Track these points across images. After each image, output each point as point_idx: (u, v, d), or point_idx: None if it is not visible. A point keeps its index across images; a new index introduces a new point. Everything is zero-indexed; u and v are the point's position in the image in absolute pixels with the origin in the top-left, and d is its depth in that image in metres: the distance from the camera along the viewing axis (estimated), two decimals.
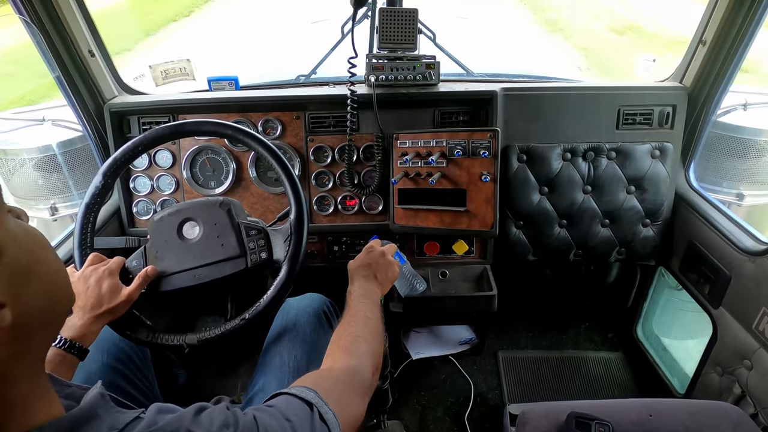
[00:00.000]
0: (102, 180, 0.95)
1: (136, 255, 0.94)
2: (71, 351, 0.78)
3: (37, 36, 1.14)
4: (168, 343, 0.89)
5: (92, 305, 0.83)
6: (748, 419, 0.91)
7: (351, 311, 0.83)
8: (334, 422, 0.56)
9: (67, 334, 0.80)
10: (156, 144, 0.99)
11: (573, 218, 1.37)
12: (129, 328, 0.89)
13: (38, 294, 0.40)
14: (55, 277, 0.43)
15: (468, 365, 1.65)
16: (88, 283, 0.84)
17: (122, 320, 0.88)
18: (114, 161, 0.96)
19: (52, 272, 0.43)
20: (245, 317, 0.89)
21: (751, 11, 1.13)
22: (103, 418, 0.44)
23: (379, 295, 0.91)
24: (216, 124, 0.98)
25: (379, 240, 1.07)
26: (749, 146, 1.81)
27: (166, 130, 0.97)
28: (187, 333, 0.89)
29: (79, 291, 0.84)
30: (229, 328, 0.88)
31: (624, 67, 4.94)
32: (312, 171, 1.36)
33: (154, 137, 0.97)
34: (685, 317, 1.50)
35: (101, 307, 0.83)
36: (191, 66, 1.45)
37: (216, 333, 0.88)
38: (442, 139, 1.24)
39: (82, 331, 0.80)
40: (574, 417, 0.88)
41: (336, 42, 1.51)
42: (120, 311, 0.86)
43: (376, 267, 0.95)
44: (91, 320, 0.82)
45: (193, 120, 1.02)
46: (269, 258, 0.93)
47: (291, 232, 0.92)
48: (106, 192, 0.97)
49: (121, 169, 0.99)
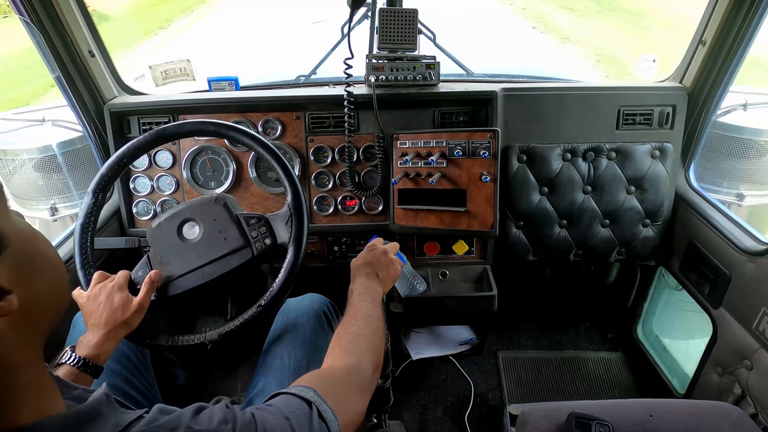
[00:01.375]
0: (92, 198, 0.94)
1: (141, 265, 0.94)
2: (85, 370, 0.79)
3: (37, 36, 1.14)
4: (189, 343, 0.89)
5: (106, 321, 0.82)
6: (748, 419, 0.91)
7: (352, 309, 0.83)
8: (333, 420, 0.56)
9: (82, 352, 0.80)
10: (141, 153, 0.98)
11: (573, 218, 1.37)
12: (148, 336, 0.89)
13: (41, 285, 0.43)
14: (55, 271, 0.46)
15: (468, 365, 1.65)
16: (99, 300, 0.84)
17: (139, 330, 0.87)
18: (101, 178, 0.95)
19: (52, 266, 0.46)
20: (261, 304, 0.88)
21: (751, 11, 1.13)
22: (108, 417, 0.46)
23: (381, 293, 0.91)
24: (195, 123, 0.99)
25: (381, 239, 1.06)
26: (749, 146, 1.81)
27: (158, 134, 0.97)
28: (206, 330, 0.89)
29: (91, 310, 0.84)
30: (247, 317, 0.88)
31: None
32: (312, 171, 1.36)
33: (138, 146, 0.97)
34: (685, 317, 1.50)
35: (116, 321, 0.83)
36: (191, 66, 1.45)
37: (236, 324, 0.88)
38: (442, 140, 1.24)
39: (97, 350, 0.80)
40: (574, 417, 0.88)
41: (336, 42, 1.52)
42: (135, 322, 0.86)
43: (378, 265, 0.95)
44: (106, 337, 0.82)
45: (173, 124, 1.01)
46: (274, 243, 0.93)
47: (290, 213, 0.92)
48: (99, 209, 0.95)
49: (110, 184, 0.97)
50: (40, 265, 0.44)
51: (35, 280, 0.43)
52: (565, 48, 6.24)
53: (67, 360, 0.79)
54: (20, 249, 0.41)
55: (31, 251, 0.43)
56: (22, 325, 0.40)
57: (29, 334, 0.42)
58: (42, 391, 0.43)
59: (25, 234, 0.43)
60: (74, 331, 1.00)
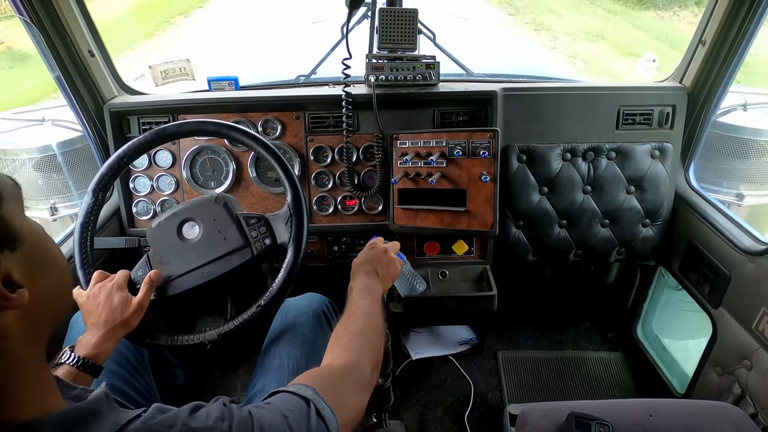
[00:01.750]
0: (92, 198, 0.94)
1: (141, 265, 0.94)
2: (85, 369, 0.79)
3: (37, 36, 1.14)
4: (189, 343, 0.89)
5: (105, 321, 0.82)
6: (747, 419, 0.91)
7: (351, 307, 0.83)
8: (331, 418, 0.56)
9: (81, 352, 0.80)
10: (140, 153, 0.98)
11: (573, 218, 1.37)
12: (147, 336, 0.89)
13: (47, 283, 0.46)
14: (61, 271, 0.49)
15: (468, 365, 1.65)
16: (98, 300, 0.84)
17: (138, 330, 0.87)
18: (101, 177, 0.95)
19: (59, 266, 0.48)
20: (261, 304, 0.88)
21: (751, 11, 1.13)
22: (106, 415, 0.47)
23: (381, 292, 0.91)
24: (195, 123, 0.99)
25: (382, 238, 1.06)
26: (749, 146, 1.81)
27: (161, 133, 0.97)
28: (206, 330, 0.89)
29: (90, 310, 0.84)
30: (247, 317, 0.88)
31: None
32: (312, 171, 1.36)
33: (138, 146, 0.97)
34: (685, 317, 1.50)
35: (115, 321, 0.83)
36: (191, 66, 1.45)
37: (235, 324, 0.88)
38: (442, 139, 1.24)
39: (96, 349, 0.80)
40: (574, 417, 0.88)
41: (336, 42, 1.51)
42: (134, 322, 0.86)
43: (378, 263, 0.95)
44: (106, 336, 0.82)
45: (173, 123, 1.01)
46: (274, 243, 0.93)
47: (290, 213, 0.92)
48: (99, 209, 0.95)
49: (110, 184, 0.97)
50: (49, 264, 0.47)
51: (43, 278, 0.45)
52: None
53: (67, 360, 0.79)
54: (32, 247, 0.44)
55: (41, 251, 0.46)
56: (29, 320, 0.43)
57: (35, 330, 0.44)
58: (43, 388, 0.45)
59: (36, 234, 0.46)
60: (73, 331, 1.00)
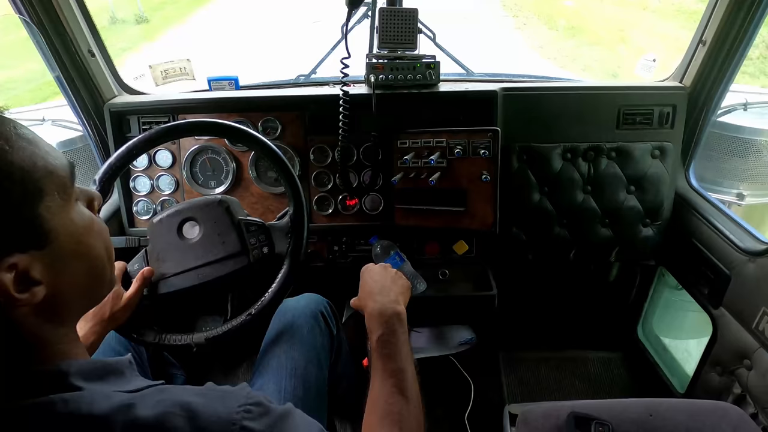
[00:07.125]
0: (98, 187, 0.93)
1: (137, 259, 0.94)
2: None
3: (37, 36, 1.14)
4: (176, 343, 0.89)
5: (94, 313, 0.82)
6: (748, 419, 0.91)
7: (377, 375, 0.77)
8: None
9: None
10: (149, 147, 0.98)
11: (573, 218, 1.37)
12: (135, 331, 0.89)
13: (80, 274, 0.48)
14: (98, 262, 0.51)
15: (468, 365, 1.65)
16: None
17: (128, 324, 0.87)
18: (109, 167, 0.95)
19: (95, 257, 0.50)
20: (251, 312, 0.89)
21: (751, 11, 1.13)
22: (128, 377, 0.51)
23: (406, 331, 0.82)
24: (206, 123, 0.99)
25: (371, 264, 0.96)
26: (749, 146, 1.81)
27: (162, 131, 0.97)
28: (194, 332, 0.89)
29: None
30: (236, 324, 0.88)
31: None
32: (312, 171, 1.36)
33: (148, 139, 0.96)
34: (685, 317, 1.50)
35: (104, 315, 0.82)
36: (191, 66, 1.45)
37: (223, 330, 0.88)
38: (442, 139, 1.24)
39: (84, 342, 0.79)
40: (573, 417, 0.88)
41: (336, 42, 1.51)
42: (122, 317, 0.85)
43: (386, 292, 0.84)
44: (94, 329, 0.81)
45: (187, 121, 1.01)
46: (271, 253, 0.93)
47: (291, 225, 0.92)
48: (102, 203, 0.96)
49: (116, 175, 0.97)
50: (82, 259, 0.48)
51: (73, 272, 0.46)
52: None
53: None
54: (64, 244, 0.45)
55: (75, 245, 0.46)
56: (49, 311, 0.45)
57: (59, 317, 0.46)
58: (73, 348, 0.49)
59: (77, 228, 0.47)
60: None
